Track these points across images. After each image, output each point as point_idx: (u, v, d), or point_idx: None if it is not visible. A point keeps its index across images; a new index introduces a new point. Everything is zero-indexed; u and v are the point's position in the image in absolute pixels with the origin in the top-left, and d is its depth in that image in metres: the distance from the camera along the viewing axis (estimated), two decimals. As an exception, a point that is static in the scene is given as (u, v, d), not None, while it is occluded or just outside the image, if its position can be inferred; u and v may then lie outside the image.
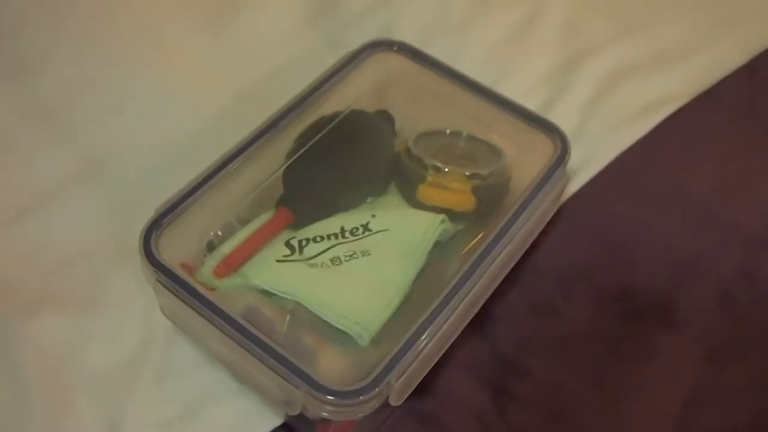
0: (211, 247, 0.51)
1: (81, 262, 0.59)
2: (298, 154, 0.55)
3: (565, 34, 0.74)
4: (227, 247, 0.51)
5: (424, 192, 0.55)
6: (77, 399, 0.54)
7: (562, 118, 0.61)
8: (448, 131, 0.60)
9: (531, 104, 0.59)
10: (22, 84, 0.67)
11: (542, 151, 0.57)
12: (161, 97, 0.67)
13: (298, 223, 0.53)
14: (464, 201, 0.55)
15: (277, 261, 0.49)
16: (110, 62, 0.69)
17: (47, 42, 0.69)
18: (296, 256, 0.50)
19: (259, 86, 0.68)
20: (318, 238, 0.51)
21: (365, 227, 0.52)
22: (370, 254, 0.50)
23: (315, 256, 0.50)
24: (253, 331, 0.45)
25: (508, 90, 0.60)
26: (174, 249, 0.50)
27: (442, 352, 0.48)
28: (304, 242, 0.51)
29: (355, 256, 0.50)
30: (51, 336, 0.56)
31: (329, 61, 0.61)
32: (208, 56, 0.70)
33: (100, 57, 0.69)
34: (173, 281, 0.47)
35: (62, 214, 0.61)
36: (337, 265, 0.50)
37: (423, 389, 0.48)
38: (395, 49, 0.62)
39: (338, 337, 0.47)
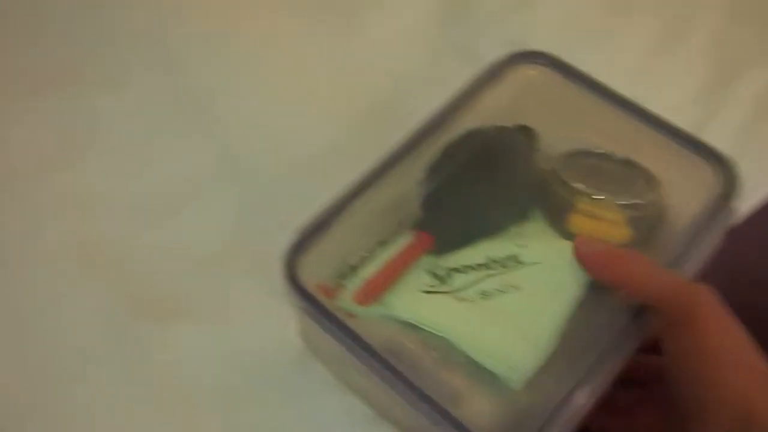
0: (351, 270, 0.48)
1: (211, 271, 0.57)
2: (438, 175, 0.52)
3: (715, 47, 0.68)
4: (367, 272, 0.48)
5: (576, 222, 0.51)
6: (202, 410, 0.52)
7: (716, 142, 0.56)
8: (597, 152, 0.55)
9: (680, 125, 0.54)
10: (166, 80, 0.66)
11: (700, 180, 0.52)
12: (285, 104, 0.65)
13: (438, 249, 0.50)
14: (619, 234, 0.50)
15: (423, 292, 0.46)
16: (237, 66, 0.66)
17: (182, 43, 0.67)
18: (443, 287, 0.47)
19: (386, 96, 0.65)
20: (464, 269, 0.47)
21: (515, 259, 0.48)
22: (521, 289, 0.46)
23: (463, 288, 0.47)
24: (397, 366, 0.42)
25: (653, 108, 0.55)
26: (312, 270, 0.47)
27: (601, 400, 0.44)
28: (449, 273, 0.47)
29: (505, 290, 0.46)
30: (181, 345, 0.54)
31: (458, 69, 0.57)
32: (333, 63, 0.67)
33: (227, 60, 0.67)
34: (315, 308, 0.44)
35: (194, 219, 0.59)
36: (487, 299, 0.46)
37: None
38: (539, 61, 0.58)
39: (488, 378, 0.44)
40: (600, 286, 0.46)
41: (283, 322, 0.52)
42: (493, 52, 0.58)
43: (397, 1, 0.71)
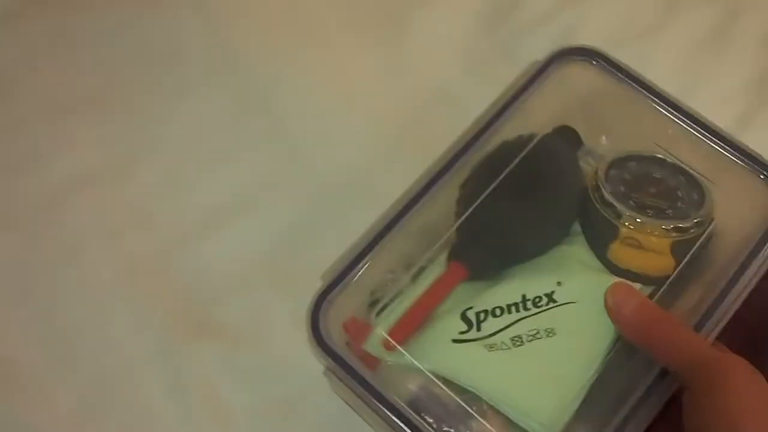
0: (382, 308, 0.47)
1: (242, 292, 0.57)
2: (473, 193, 0.50)
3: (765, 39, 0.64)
4: (398, 311, 0.47)
5: (618, 253, 0.49)
6: (236, 429, 0.53)
7: (762, 135, 0.54)
8: (646, 155, 0.52)
9: (727, 118, 0.53)
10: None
11: (755, 195, 0.49)
12: (332, 115, 0.63)
13: (473, 276, 0.49)
14: (662, 265, 0.48)
15: (453, 341, 0.45)
16: (288, 85, 0.65)
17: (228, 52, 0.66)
18: (473, 333, 0.46)
19: (430, 102, 0.63)
20: (497, 311, 0.46)
21: (549, 297, 0.47)
22: (555, 334, 0.45)
23: (494, 333, 0.46)
24: (421, 424, 0.42)
25: (700, 101, 0.52)
26: (343, 307, 0.46)
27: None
28: (482, 316, 0.46)
29: (538, 335, 0.45)
30: (217, 365, 0.55)
31: (502, 71, 0.55)
32: (377, 69, 0.65)
33: (279, 77, 0.65)
34: (341, 366, 0.44)
35: (233, 239, 0.59)
36: (518, 346, 0.45)
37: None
38: (587, 58, 0.54)
39: (519, 428, 0.44)
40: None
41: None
42: (539, 55, 0.54)
43: (444, 9, 0.68)
